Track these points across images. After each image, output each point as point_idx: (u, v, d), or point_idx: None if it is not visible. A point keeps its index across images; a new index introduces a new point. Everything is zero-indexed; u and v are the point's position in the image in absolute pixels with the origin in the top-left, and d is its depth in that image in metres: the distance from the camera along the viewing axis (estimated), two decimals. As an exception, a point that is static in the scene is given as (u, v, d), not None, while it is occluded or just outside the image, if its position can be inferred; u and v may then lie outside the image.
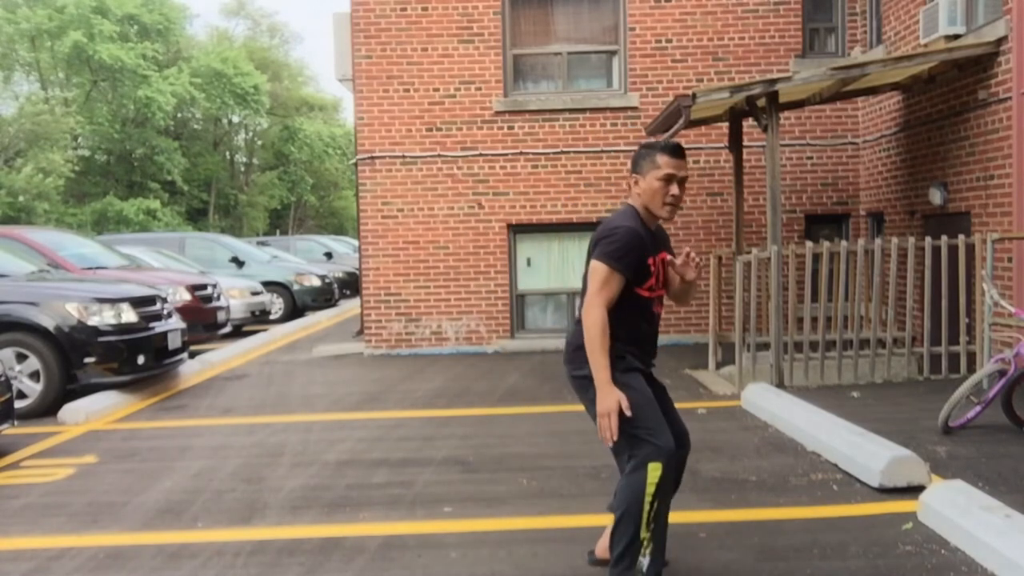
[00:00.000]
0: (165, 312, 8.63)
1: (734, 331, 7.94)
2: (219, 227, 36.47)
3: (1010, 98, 7.41)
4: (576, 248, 10.75)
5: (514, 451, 5.79)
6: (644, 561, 3.14)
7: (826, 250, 7.72)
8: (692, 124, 8.83)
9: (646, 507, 3.10)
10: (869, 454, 4.83)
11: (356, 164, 11.13)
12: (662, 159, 3.27)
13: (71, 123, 31.45)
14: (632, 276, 3.23)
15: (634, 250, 3.20)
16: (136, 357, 7.87)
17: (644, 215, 3.34)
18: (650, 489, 3.09)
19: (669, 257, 3.41)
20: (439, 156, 10.76)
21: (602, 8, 10.74)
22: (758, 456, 5.49)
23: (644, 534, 3.12)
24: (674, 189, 3.28)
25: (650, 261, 3.27)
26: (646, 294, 3.28)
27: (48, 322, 7.49)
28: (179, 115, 38.54)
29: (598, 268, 3.18)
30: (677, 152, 3.29)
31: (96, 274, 10.09)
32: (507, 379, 8.68)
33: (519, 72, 10.88)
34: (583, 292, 3.31)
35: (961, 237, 7.56)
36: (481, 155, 10.75)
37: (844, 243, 7.73)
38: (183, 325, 8.93)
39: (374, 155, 10.77)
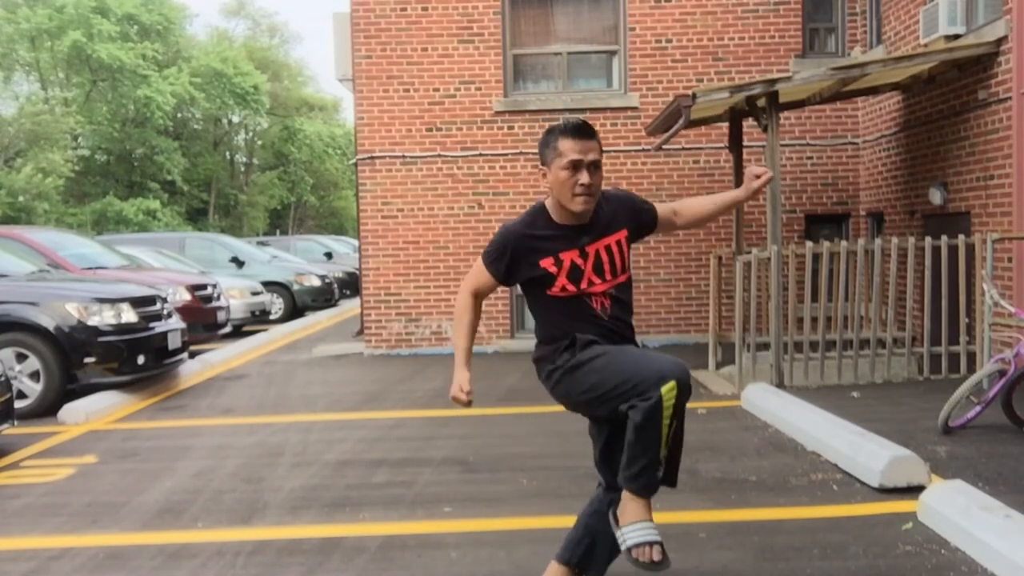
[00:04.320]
0: (165, 312, 8.63)
1: (734, 331, 7.94)
2: (219, 227, 36.48)
3: (1010, 98, 7.41)
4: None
5: (514, 451, 5.79)
6: (659, 473, 2.83)
7: (826, 250, 7.72)
8: (692, 124, 8.83)
9: (664, 430, 2.72)
10: (869, 454, 4.83)
11: (356, 164, 11.13)
12: (564, 144, 2.81)
13: (71, 123, 31.49)
14: (517, 280, 3.00)
15: (506, 253, 2.94)
16: (136, 357, 7.87)
17: (558, 211, 2.95)
18: (667, 412, 2.68)
19: (623, 235, 3.03)
20: (439, 156, 10.76)
21: (602, 8, 10.74)
22: (758, 456, 5.49)
23: (663, 453, 2.78)
24: (583, 177, 2.81)
25: (546, 263, 2.91)
26: (562, 294, 2.93)
27: (48, 322, 7.49)
28: (179, 115, 38.57)
29: (475, 265, 3.07)
30: (581, 132, 2.82)
31: (96, 274, 10.09)
32: (507, 379, 8.67)
33: (519, 72, 10.88)
34: None
35: (961, 237, 7.55)
36: (481, 155, 10.75)
37: (844, 243, 7.73)
38: (183, 325, 8.93)
39: (374, 155, 10.77)
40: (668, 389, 2.67)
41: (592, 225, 2.95)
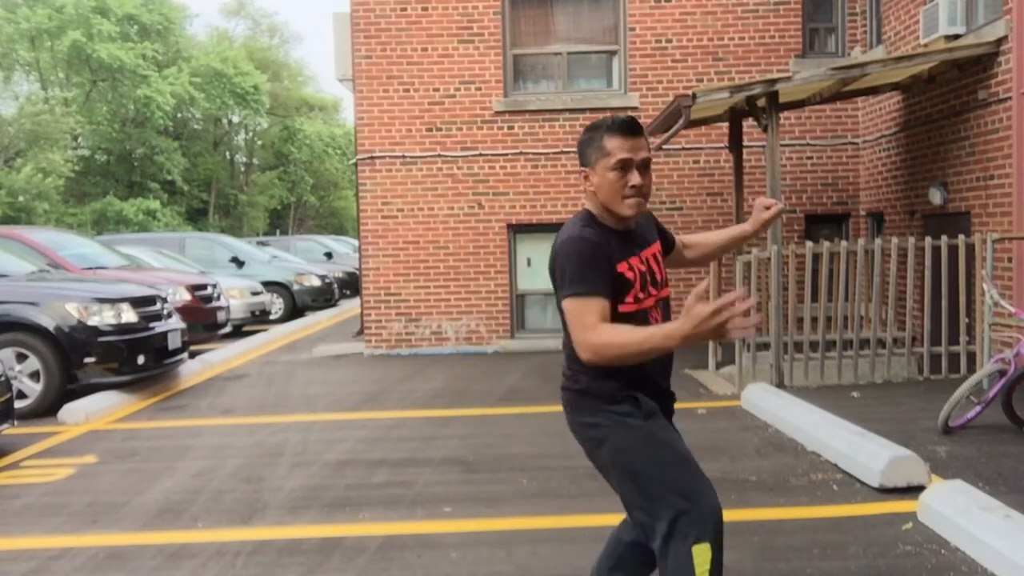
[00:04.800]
0: (165, 312, 8.62)
1: (734, 331, 7.93)
2: (219, 227, 36.48)
3: (1010, 98, 7.41)
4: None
5: (514, 451, 5.79)
6: None
7: (826, 250, 7.72)
8: (692, 124, 8.83)
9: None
10: (869, 454, 4.83)
11: (356, 164, 11.13)
12: (611, 142, 2.49)
13: (71, 123, 31.48)
14: (608, 292, 2.51)
15: (594, 261, 2.47)
16: (136, 357, 7.87)
17: (605, 217, 2.59)
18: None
19: (658, 247, 2.74)
20: (439, 156, 10.76)
21: (602, 8, 10.74)
22: (758, 456, 5.49)
23: None
24: (634, 178, 2.49)
25: (623, 267, 2.54)
26: (634, 307, 2.55)
27: (48, 322, 7.49)
28: (179, 115, 38.57)
29: (570, 309, 2.44)
30: (630, 129, 2.51)
31: (96, 274, 10.08)
32: (507, 379, 8.68)
33: (519, 72, 10.88)
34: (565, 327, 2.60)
35: (961, 237, 7.56)
36: (481, 155, 10.75)
37: (844, 243, 7.73)
38: (183, 325, 8.92)
39: (374, 155, 10.77)
40: (700, 552, 2.43)
41: (636, 232, 2.66)
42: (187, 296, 10.95)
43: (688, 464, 2.56)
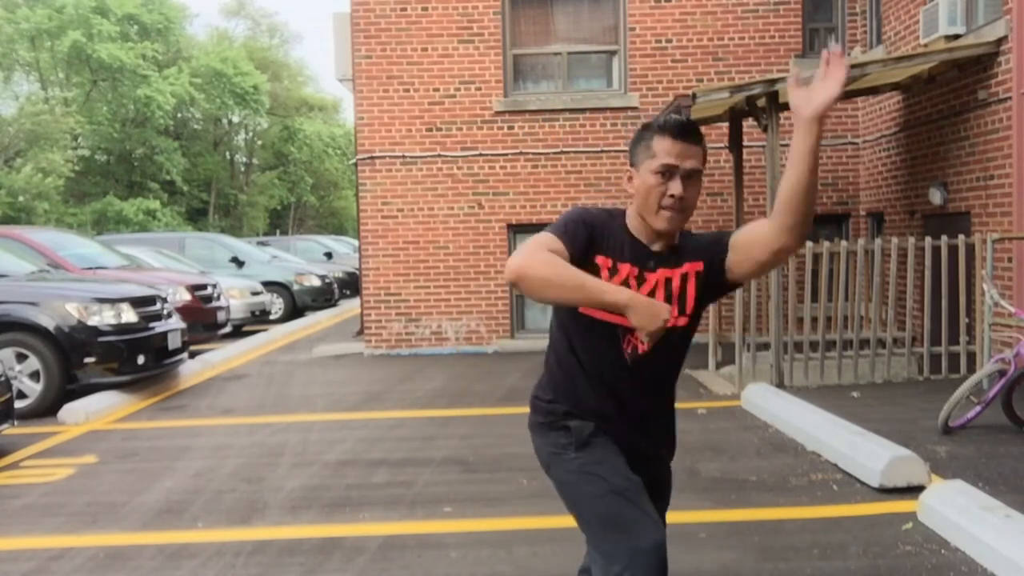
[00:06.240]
0: (165, 312, 8.62)
1: (734, 331, 7.94)
2: (219, 227, 36.47)
3: (1010, 98, 7.41)
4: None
5: (514, 451, 5.78)
6: None
7: (826, 250, 7.72)
8: (692, 124, 8.83)
9: None
10: (869, 454, 4.83)
11: (356, 164, 11.13)
12: (660, 143, 2.22)
13: (71, 123, 31.45)
14: (573, 249, 2.17)
15: (580, 227, 2.22)
16: (136, 357, 7.87)
17: (638, 226, 2.29)
18: None
19: (685, 271, 2.28)
20: (439, 156, 10.76)
21: (602, 8, 10.74)
22: (758, 456, 5.49)
23: None
24: (675, 187, 2.20)
25: (600, 259, 2.24)
26: (602, 316, 2.21)
27: (48, 322, 7.49)
28: (179, 115, 38.56)
29: (536, 236, 2.20)
30: (681, 132, 2.25)
31: (96, 274, 10.08)
32: (507, 379, 8.67)
33: (519, 72, 10.88)
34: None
35: (961, 237, 7.56)
36: (481, 155, 10.75)
37: (844, 243, 7.73)
38: (183, 325, 8.92)
39: (374, 155, 10.77)
40: None
41: (666, 254, 2.30)
42: (187, 296, 10.95)
43: (625, 496, 2.22)
